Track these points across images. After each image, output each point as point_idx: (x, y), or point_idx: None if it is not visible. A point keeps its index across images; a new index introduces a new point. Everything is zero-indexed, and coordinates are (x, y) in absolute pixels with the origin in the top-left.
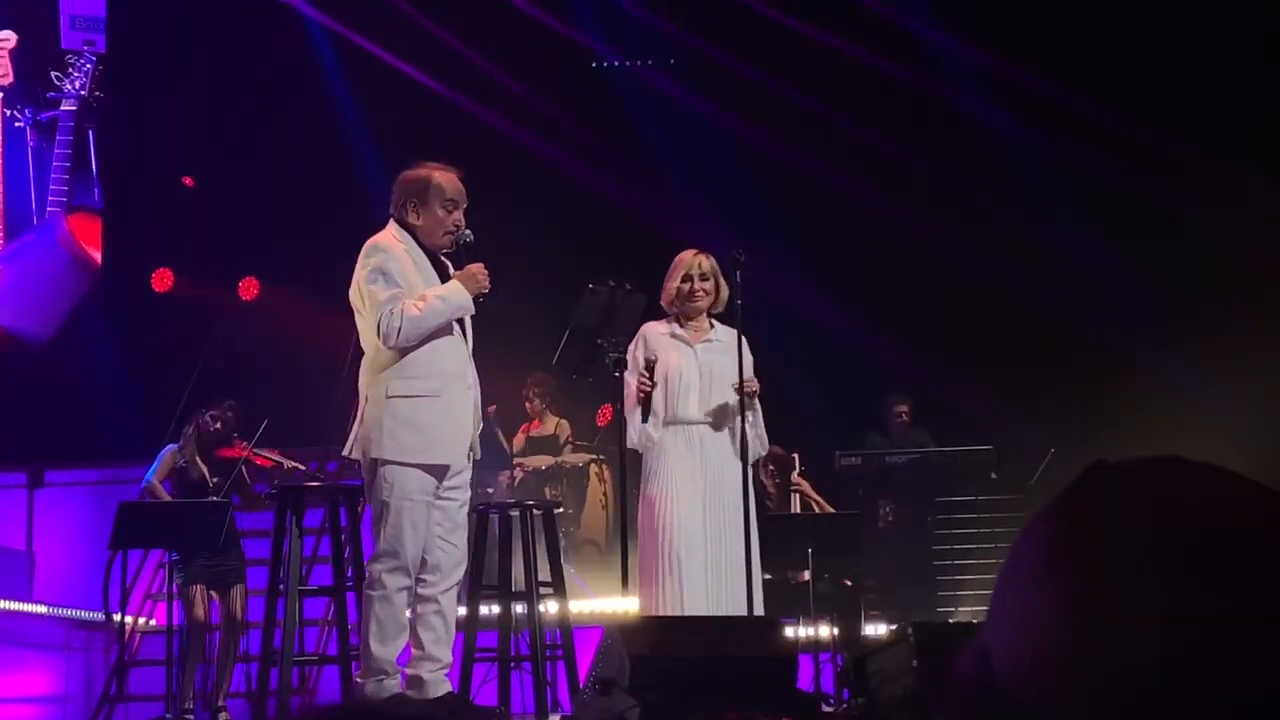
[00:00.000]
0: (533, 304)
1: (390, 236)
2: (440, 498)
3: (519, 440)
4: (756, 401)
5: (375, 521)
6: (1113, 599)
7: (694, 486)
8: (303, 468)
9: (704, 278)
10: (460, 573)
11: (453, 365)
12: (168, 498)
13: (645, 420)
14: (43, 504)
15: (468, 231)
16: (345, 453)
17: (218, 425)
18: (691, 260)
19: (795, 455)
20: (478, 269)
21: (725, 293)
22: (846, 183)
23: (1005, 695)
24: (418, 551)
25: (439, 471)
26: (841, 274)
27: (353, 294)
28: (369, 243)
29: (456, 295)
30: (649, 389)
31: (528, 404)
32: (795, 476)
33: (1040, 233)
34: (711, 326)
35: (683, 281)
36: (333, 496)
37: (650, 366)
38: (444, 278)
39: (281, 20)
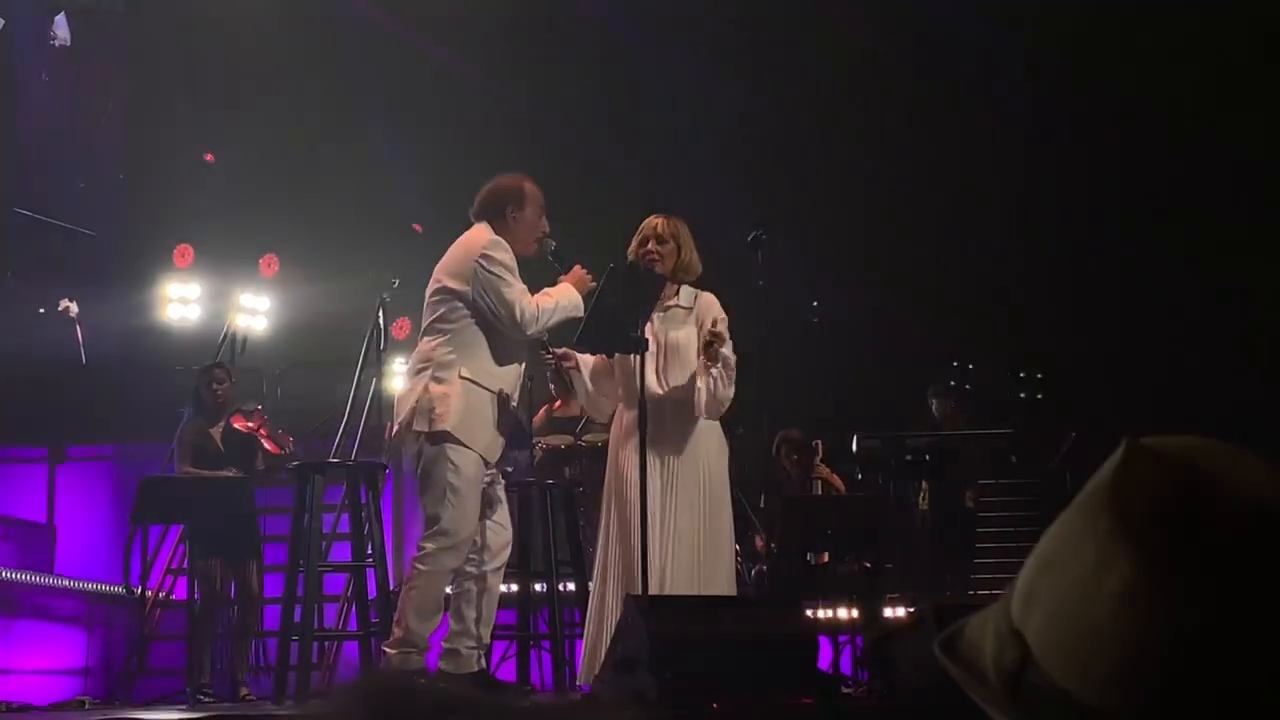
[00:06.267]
0: (555, 283)
1: (500, 238)
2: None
3: (540, 417)
4: (727, 355)
5: (424, 494)
6: (1160, 589)
7: (652, 465)
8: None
9: (660, 240)
10: (507, 553)
11: (517, 370)
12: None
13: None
14: (64, 478)
15: (550, 240)
16: (399, 422)
17: (219, 390)
18: (649, 223)
19: (818, 442)
20: (584, 272)
21: (691, 257)
22: (872, 169)
23: (1043, 680)
24: (473, 534)
25: (488, 462)
26: (866, 258)
27: (449, 281)
28: (491, 239)
29: (573, 295)
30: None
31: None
32: (817, 463)
33: (1060, 214)
34: (677, 293)
35: (638, 245)
36: (353, 474)
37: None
38: None
39: None
